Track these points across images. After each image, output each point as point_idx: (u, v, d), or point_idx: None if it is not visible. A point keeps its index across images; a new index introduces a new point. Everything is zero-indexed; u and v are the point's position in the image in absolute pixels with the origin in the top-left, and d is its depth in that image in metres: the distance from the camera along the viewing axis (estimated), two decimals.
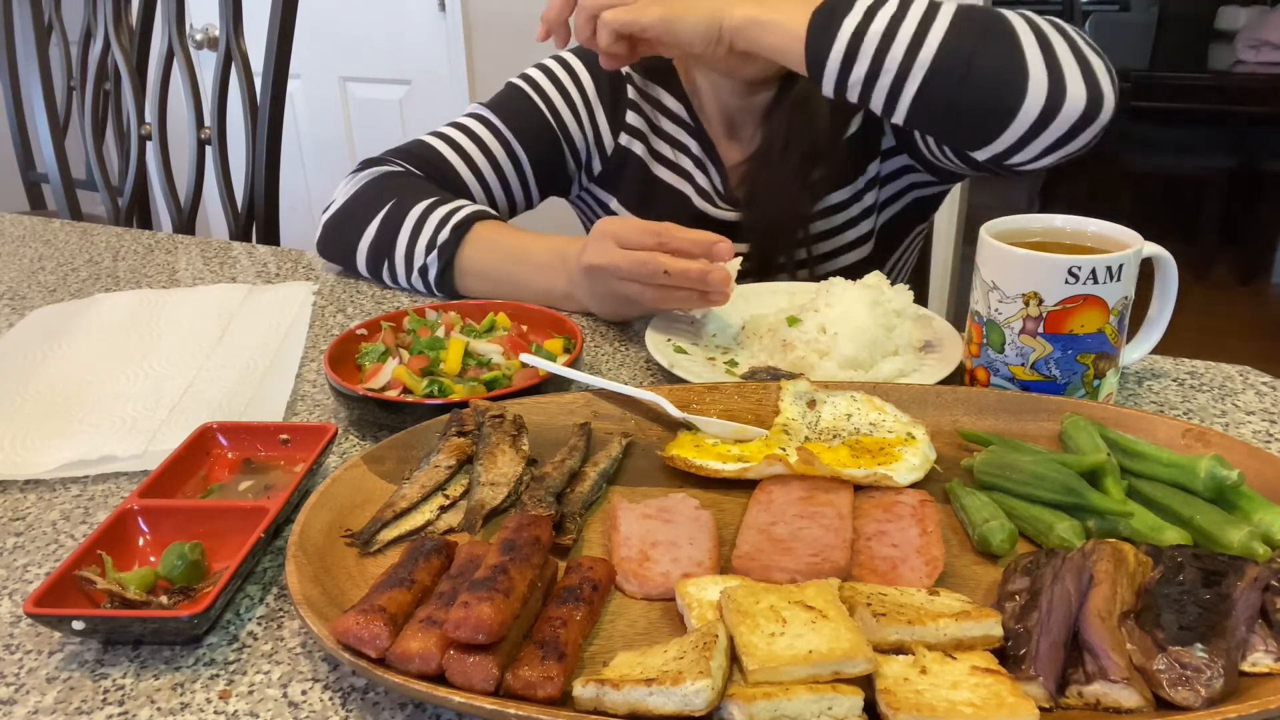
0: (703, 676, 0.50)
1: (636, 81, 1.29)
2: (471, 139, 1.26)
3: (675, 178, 1.29)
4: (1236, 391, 0.93)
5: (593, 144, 1.30)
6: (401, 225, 1.16)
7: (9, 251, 1.46)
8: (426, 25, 3.01)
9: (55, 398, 0.96)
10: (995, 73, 0.91)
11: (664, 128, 1.29)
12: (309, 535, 0.66)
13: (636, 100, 1.29)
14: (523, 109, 1.28)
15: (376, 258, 1.20)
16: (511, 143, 1.26)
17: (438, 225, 1.13)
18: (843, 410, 0.82)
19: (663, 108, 1.29)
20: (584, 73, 1.29)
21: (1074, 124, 0.92)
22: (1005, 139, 0.94)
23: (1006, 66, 0.90)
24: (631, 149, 1.29)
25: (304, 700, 0.59)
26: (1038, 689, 0.53)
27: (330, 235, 1.26)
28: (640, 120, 1.29)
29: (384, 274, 1.21)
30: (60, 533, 0.76)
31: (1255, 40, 3.75)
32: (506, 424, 0.79)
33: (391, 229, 1.17)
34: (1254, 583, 0.58)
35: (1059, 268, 0.78)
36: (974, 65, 0.91)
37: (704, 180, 1.28)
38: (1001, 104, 0.91)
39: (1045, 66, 0.90)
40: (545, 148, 1.28)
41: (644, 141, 1.29)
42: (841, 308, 0.94)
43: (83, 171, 2.07)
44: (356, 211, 1.21)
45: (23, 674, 0.61)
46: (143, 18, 1.91)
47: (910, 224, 1.35)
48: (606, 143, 1.30)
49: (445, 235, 1.12)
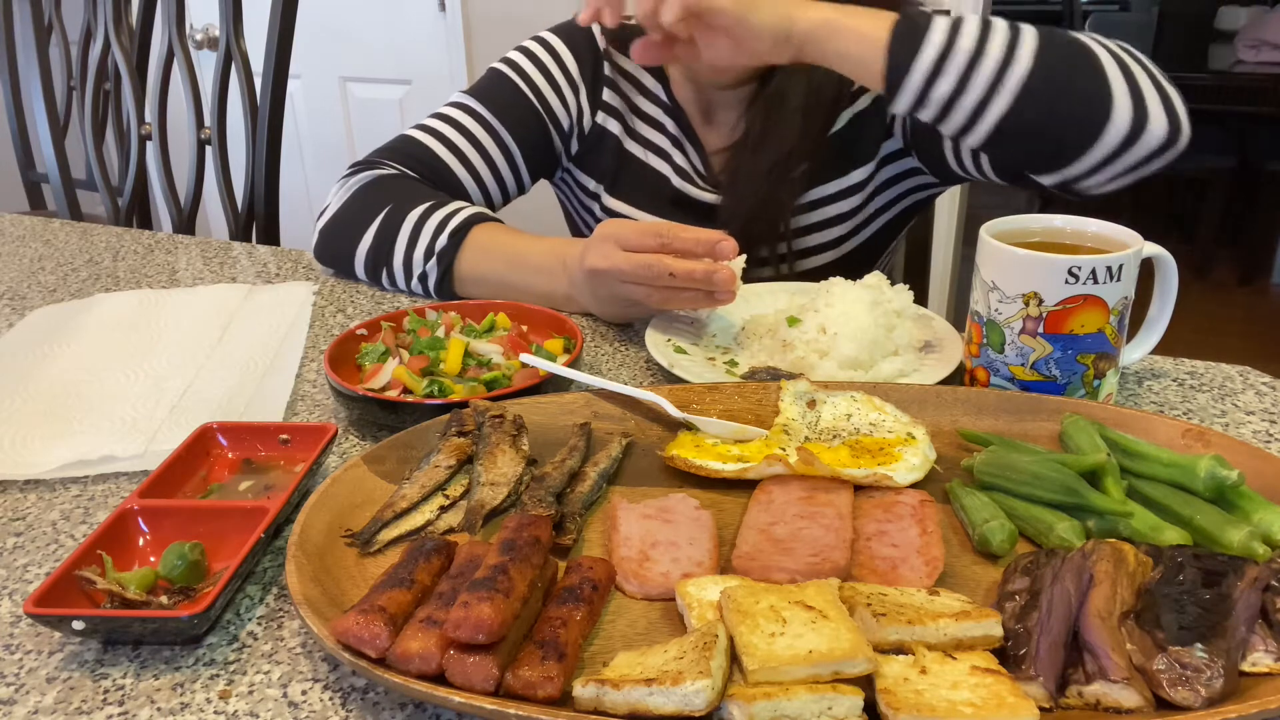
0: (703, 676, 0.50)
1: (614, 58, 1.27)
2: (458, 130, 1.25)
3: (652, 156, 1.28)
4: (1236, 391, 0.93)
5: (575, 122, 1.29)
6: (398, 232, 1.15)
7: (9, 251, 1.46)
8: (426, 25, 3.01)
9: (55, 398, 0.96)
10: (1084, 97, 0.88)
11: (640, 106, 1.28)
12: (309, 535, 0.66)
13: (613, 77, 1.27)
14: (506, 93, 1.26)
15: (375, 265, 1.19)
16: (498, 129, 1.25)
17: (435, 231, 1.13)
18: (843, 410, 0.82)
19: (640, 85, 1.28)
20: (565, 51, 1.28)
21: (1153, 150, 0.90)
22: (1084, 163, 0.91)
23: (1094, 91, 0.88)
24: (607, 127, 1.28)
25: (304, 700, 0.59)
26: (1038, 689, 0.53)
27: (326, 242, 1.25)
28: (616, 98, 1.28)
29: (383, 280, 1.20)
30: (60, 533, 0.76)
31: (1255, 40, 3.75)
32: (506, 424, 0.79)
33: (389, 236, 1.16)
34: (1254, 583, 0.58)
35: (1059, 268, 0.78)
36: (1064, 88, 0.89)
37: (682, 160, 1.27)
38: (1088, 129, 0.89)
39: (1129, 92, 0.89)
40: (532, 130, 1.27)
41: (620, 120, 1.28)
42: (842, 308, 0.94)
43: (83, 171, 2.07)
44: (351, 219, 1.20)
45: (23, 674, 0.61)
46: (143, 18, 1.91)
47: (902, 223, 1.34)
48: (585, 121, 1.29)
49: (443, 242, 1.12)
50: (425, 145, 1.24)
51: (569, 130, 1.30)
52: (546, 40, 1.30)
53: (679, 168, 1.27)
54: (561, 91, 1.27)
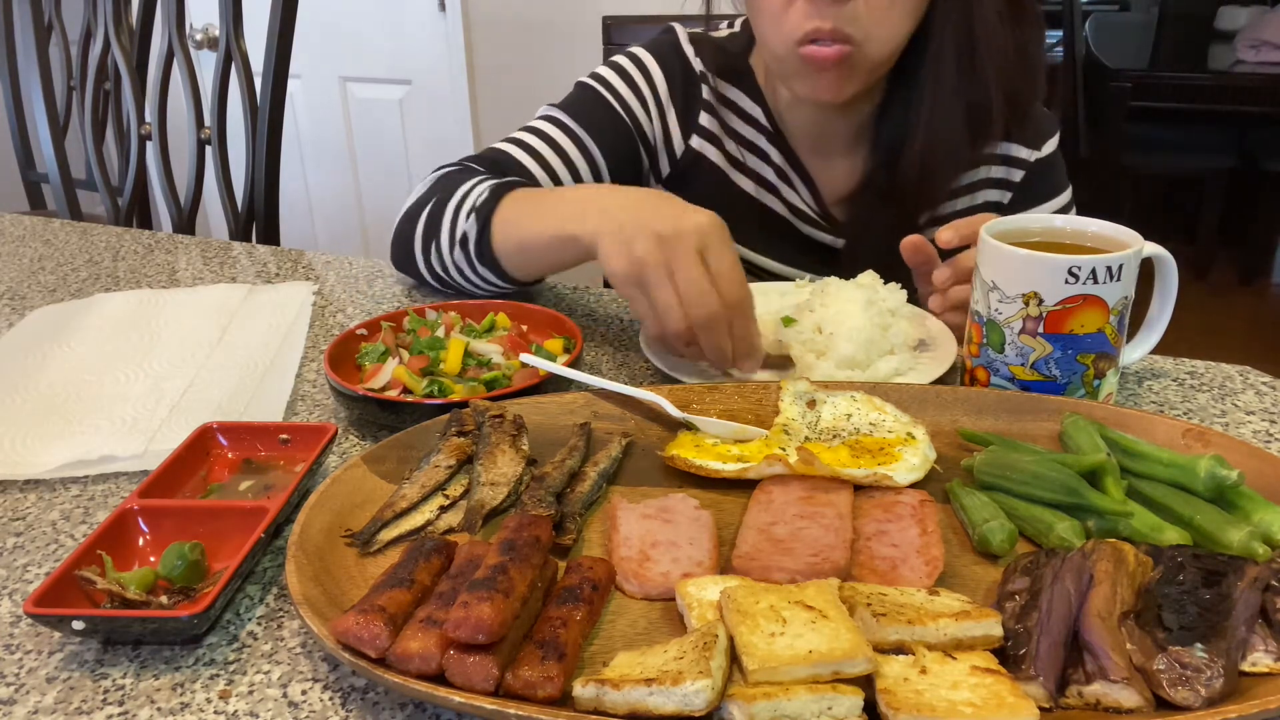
0: (703, 676, 0.50)
1: (711, 82, 1.23)
2: (544, 140, 1.21)
3: (759, 189, 1.23)
4: (1236, 391, 0.93)
5: (661, 142, 1.25)
6: (450, 198, 1.10)
7: (9, 251, 1.46)
8: (426, 25, 3.01)
9: (55, 398, 0.96)
10: None
11: (738, 130, 1.23)
12: (309, 535, 0.66)
13: (710, 101, 1.23)
14: (593, 105, 1.23)
15: (427, 239, 1.13)
16: (584, 140, 1.21)
17: (481, 190, 1.08)
18: (843, 410, 0.82)
19: (737, 109, 1.23)
20: (656, 69, 1.24)
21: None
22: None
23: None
24: (704, 153, 1.24)
25: (304, 700, 0.59)
26: (1038, 689, 0.53)
27: (396, 237, 1.20)
28: (714, 122, 1.23)
29: (432, 258, 1.14)
30: (60, 533, 0.76)
31: (1255, 40, 3.75)
32: (506, 424, 0.79)
33: (441, 202, 1.11)
34: (1254, 583, 0.58)
35: (1059, 268, 0.78)
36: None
37: (794, 197, 1.23)
38: None
39: None
40: (619, 143, 1.23)
41: (718, 145, 1.24)
42: (837, 307, 0.95)
43: (83, 171, 2.07)
44: (415, 206, 1.17)
45: (23, 674, 0.61)
46: (143, 18, 1.91)
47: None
48: (676, 143, 1.25)
49: (485, 197, 1.06)
50: (509, 153, 1.21)
51: (655, 146, 1.25)
52: (637, 55, 1.26)
53: (793, 206, 1.23)
54: (648, 107, 1.23)
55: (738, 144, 1.23)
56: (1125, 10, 4.74)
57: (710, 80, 1.23)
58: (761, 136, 1.23)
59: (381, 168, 3.29)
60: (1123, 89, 3.42)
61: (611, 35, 1.85)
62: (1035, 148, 1.20)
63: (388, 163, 3.26)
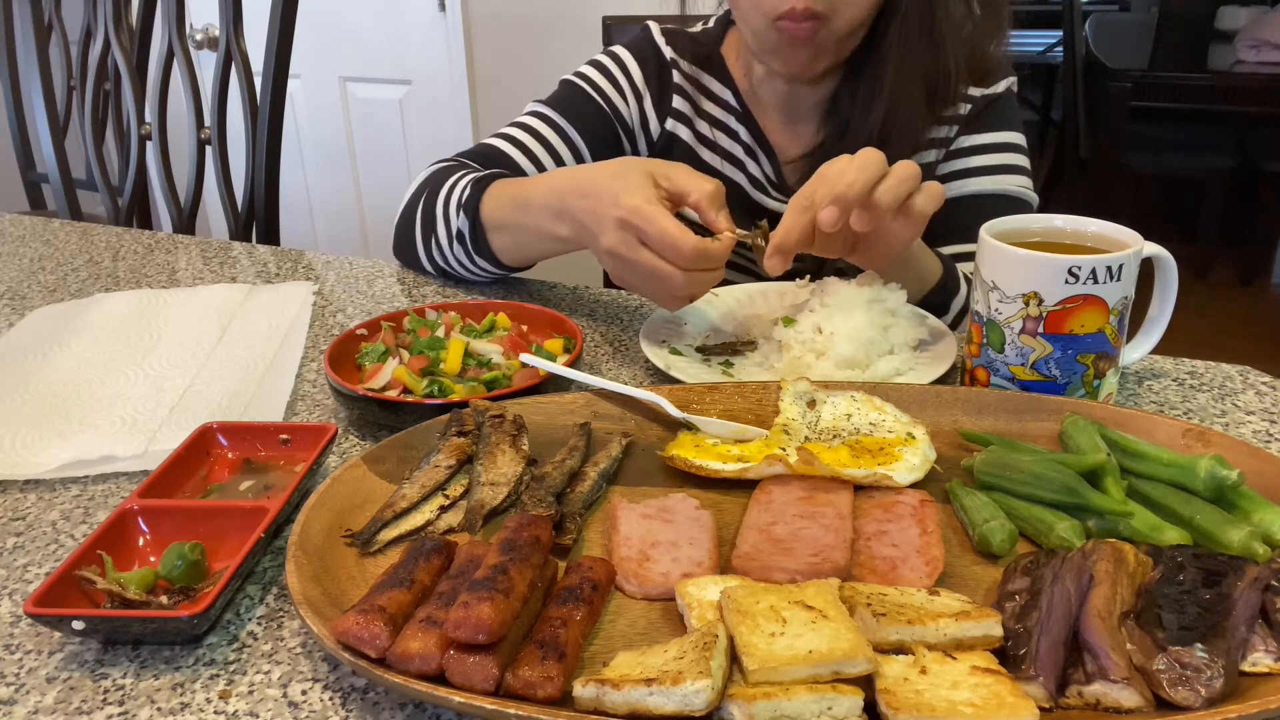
0: (703, 676, 0.50)
1: (683, 67, 1.31)
2: (531, 134, 1.29)
3: (726, 165, 1.30)
4: (1236, 391, 0.93)
5: (639, 126, 1.33)
6: (439, 192, 1.19)
7: (9, 251, 1.46)
8: (426, 25, 3.01)
9: (55, 398, 0.96)
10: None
11: (710, 111, 1.31)
12: (309, 535, 0.66)
13: (682, 84, 1.31)
14: (578, 100, 1.31)
15: (426, 234, 1.22)
16: (569, 133, 1.29)
17: (464, 185, 1.15)
18: (843, 410, 0.82)
19: (708, 92, 1.31)
20: (631, 61, 1.33)
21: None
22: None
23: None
24: (677, 133, 1.31)
25: (304, 700, 0.59)
26: (1038, 689, 0.53)
27: (398, 233, 1.28)
28: (685, 104, 1.31)
29: (434, 251, 1.22)
30: (60, 533, 0.76)
31: (1255, 40, 3.74)
32: (506, 424, 0.79)
33: (432, 196, 1.20)
34: (1254, 583, 0.58)
35: (1059, 268, 0.78)
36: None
37: (755, 169, 1.29)
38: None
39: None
40: (603, 135, 1.31)
41: (689, 125, 1.31)
42: (837, 307, 0.95)
43: (83, 171, 2.07)
44: (412, 201, 1.25)
45: (23, 674, 0.61)
46: (143, 18, 1.91)
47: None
48: (653, 127, 1.32)
49: (468, 192, 1.13)
50: (498, 147, 1.29)
51: (633, 130, 1.33)
52: (614, 51, 1.35)
53: (753, 177, 1.29)
54: (626, 98, 1.32)
55: (709, 124, 1.31)
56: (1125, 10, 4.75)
57: (682, 65, 1.31)
58: (731, 116, 1.30)
59: (381, 168, 3.29)
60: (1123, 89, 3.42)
61: (611, 35, 1.85)
62: (984, 86, 1.23)
63: (388, 163, 3.26)
